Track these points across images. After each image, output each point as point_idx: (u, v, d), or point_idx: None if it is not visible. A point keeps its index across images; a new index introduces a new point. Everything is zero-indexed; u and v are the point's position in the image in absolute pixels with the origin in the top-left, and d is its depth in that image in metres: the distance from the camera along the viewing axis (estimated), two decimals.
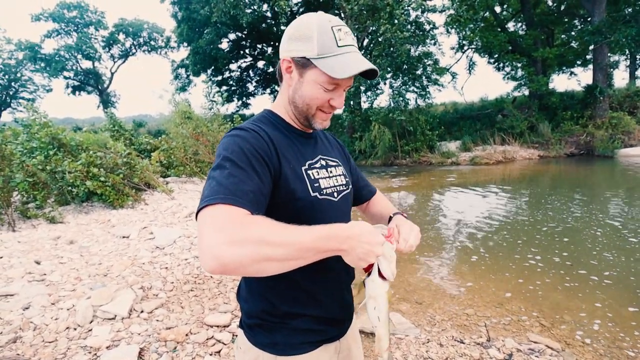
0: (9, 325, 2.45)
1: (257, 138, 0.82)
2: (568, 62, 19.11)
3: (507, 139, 14.76)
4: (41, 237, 4.31)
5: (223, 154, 0.78)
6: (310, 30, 0.83)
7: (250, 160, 0.77)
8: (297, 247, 0.65)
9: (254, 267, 0.63)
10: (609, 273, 3.67)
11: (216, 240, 0.61)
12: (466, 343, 2.54)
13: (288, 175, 0.84)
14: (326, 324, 0.94)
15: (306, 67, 0.84)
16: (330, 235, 0.69)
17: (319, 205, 0.90)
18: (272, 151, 0.83)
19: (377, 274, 0.81)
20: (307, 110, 0.89)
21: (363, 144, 15.03)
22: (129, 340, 2.38)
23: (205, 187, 0.74)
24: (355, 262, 0.74)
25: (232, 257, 0.60)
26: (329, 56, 0.82)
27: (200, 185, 8.35)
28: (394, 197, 8.45)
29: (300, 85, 0.87)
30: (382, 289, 0.82)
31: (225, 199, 0.68)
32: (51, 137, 6.11)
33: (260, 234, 0.64)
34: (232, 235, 0.62)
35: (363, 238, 0.72)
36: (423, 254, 4.53)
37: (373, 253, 0.74)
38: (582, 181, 9.37)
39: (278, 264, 0.64)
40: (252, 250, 0.61)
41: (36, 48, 29.52)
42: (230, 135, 0.82)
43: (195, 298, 3.07)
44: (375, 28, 14.45)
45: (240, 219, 0.66)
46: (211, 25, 20.26)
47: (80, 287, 3.03)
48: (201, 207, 0.69)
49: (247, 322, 0.93)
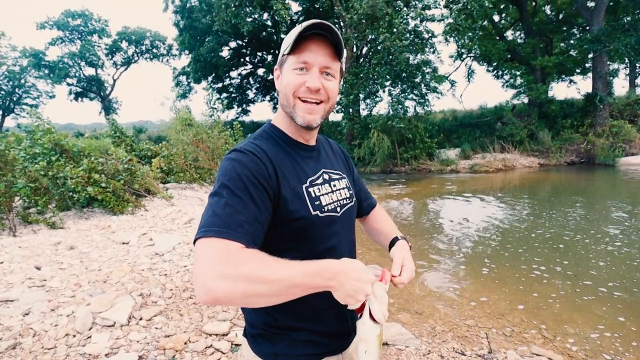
0: (8, 332, 2.44)
1: (256, 162, 0.82)
2: (567, 71, 19.24)
3: (506, 147, 14.81)
4: (42, 243, 4.31)
5: (221, 180, 0.79)
6: (290, 34, 0.87)
7: (247, 186, 0.77)
8: (285, 284, 0.67)
9: (243, 301, 0.67)
10: (612, 284, 3.65)
11: (210, 275, 0.64)
12: (467, 355, 2.52)
13: (287, 196, 0.84)
14: (326, 337, 0.94)
15: (283, 64, 0.89)
16: (318, 271, 0.71)
17: (319, 223, 0.89)
18: (270, 174, 0.83)
19: (368, 315, 0.79)
20: (288, 103, 0.88)
21: (362, 151, 15.09)
22: (128, 348, 2.37)
23: (203, 213, 0.76)
24: (345, 299, 0.74)
25: (223, 292, 0.64)
26: (288, 44, 0.86)
27: (199, 192, 8.36)
28: (393, 205, 8.45)
29: (280, 83, 0.90)
30: (374, 332, 0.79)
31: (220, 233, 0.70)
32: (54, 143, 6.14)
33: (251, 271, 0.66)
34: (225, 271, 0.65)
35: (353, 274, 0.73)
36: (423, 263, 4.52)
37: (362, 291, 0.73)
38: (584, 190, 9.37)
39: (266, 299, 0.68)
40: (242, 287, 0.65)
41: (40, 55, 29.82)
42: (229, 159, 0.82)
43: (194, 306, 3.06)
44: (375, 37, 14.60)
45: (233, 254, 0.68)
46: (212, 33, 20.50)
47: (80, 294, 3.03)
48: (197, 238, 0.71)
49: (250, 332, 0.94)
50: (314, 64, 0.85)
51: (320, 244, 0.90)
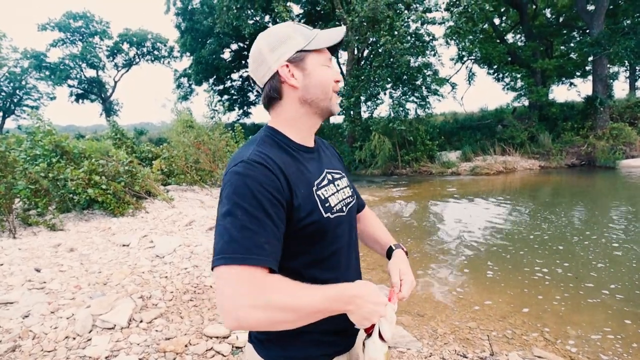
0: (8, 334, 2.43)
1: (267, 175, 0.78)
2: (567, 73, 19.27)
3: (507, 149, 14.80)
4: (42, 245, 4.30)
5: (233, 198, 0.74)
6: (285, 32, 0.87)
7: (263, 203, 0.74)
8: (307, 311, 0.71)
9: (270, 327, 0.70)
10: (614, 286, 3.64)
11: (239, 305, 0.66)
12: (469, 357, 2.51)
13: (300, 204, 0.82)
14: (336, 336, 0.94)
15: (304, 59, 0.87)
16: (338, 296, 0.75)
17: (330, 225, 0.89)
18: (283, 185, 0.80)
19: (377, 335, 0.83)
20: (326, 96, 0.90)
21: (363, 154, 15.08)
22: (128, 351, 2.36)
23: (217, 235, 0.73)
24: (360, 321, 0.78)
25: (252, 320, 0.67)
26: (313, 38, 0.88)
27: (200, 194, 8.35)
28: (395, 207, 8.44)
29: (309, 77, 0.87)
30: (382, 351, 0.84)
31: (243, 260, 0.69)
32: (54, 145, 6.14)
33: (279, 299, 0.69)
34: (253, 301, 0.67)
35: (369, 298, 0.77)
36: (424, 265, 4.51)
37: (377, 313, 0.78)
38: (584, 192, 9.36)
39: (291, 324, 0.71)
40: (270, 315, 0.68)
41: (41, 57, 29.86)
42: (238, 174, 0.77)
43: (195, 308, 3.05)
44: (376, 39, 14.61)
45: (260, 283, 0.70)
46: (214, 35, 20.58)
47: (80, 296, 3.02)
48: (218, 264, 0.70)
49: (259, 337, 0.91)
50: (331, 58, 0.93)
51: (331, 246, 0.91)
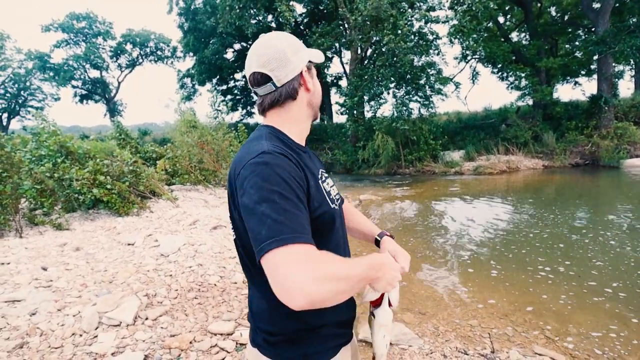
0: (16, 331, 2.47)
1: (290, 164, 0.81)
2: (572, 72, 19.12)
3: (511, 149, 14.75)
4: (48, 244, 4.35)
5: (266, 186, 0.75)
6: (296, 39, 0.98)
7: (294, 189, 0.77)
8: (357, 279, 0.75)
9: (332, 300, 0.69)
10: (616, 285, 3.64)
11: (305, 280, 0.66)
12: (470, 354, 2.53)
13: (313, 192, 0.86)
14: (344, 327, 0.99)
15: (311, 68, 1.00)
16: (372, 264, 0.80)
17: (336, 216, 0.96)
18: (302, 173, 0.84)
19: (387, 303, 0.90)
20: (319, 104, 1.03)
21: (366, 153, 15.08)
22: (134, 347, 2.40)
23: (257, 223, 0.73)
24: (385, 287, 0.85)
25: (318, 294, 0.66)
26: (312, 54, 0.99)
27: (204, 194, 8.40)
28: (398, 206, 8.45)
29: (314, 85, 1.00)
30: (391, 317, 0.92)
31: (294, 238, 0.70)
32: (59, 145, 6.19)
33: (335, 270, 0.71)
34: (316, 274, 0.67)
35: (393, 266, 0.86)
36: (426, 264, 4.52)
37: (397, 278, 0.86)
38: (588, 191, 9.32)
39: (345, 295, 0.72)
40: (332, 286, 0.69)
41: (45, 58, 30.08)
42: (262, 163, 0.78)
43: (199, 306, 3.08)
44: (379, 38, 14.61)
45: (317, 257, 0.71)
46: (217, 35, 20.62)
47: (86, 294, 3.06)
48: (270, 248, 0.69)
49: (269, 340, 0.91)
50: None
51: (335, 237, 0.97)
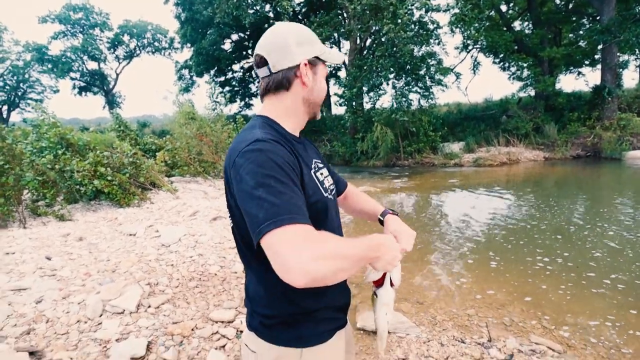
0: (22, 318, 2.53)
1: (282, 149, 0.83)
2: (576, 62, 18.81)
3: (511, 140, 14.70)
4: (51, 234, 4.41)
5: (261, 171, 0.76)
6: (310, 34, 0.97)
7: (288, 173, 0.79)
8: (356, 257, 0.76)
9: (332, 278, 0.70)
10: (614, 276, 3.67)
11: (305, 258, 0.67)
12: (467, 343, 2.57)
13: (306, 180, 0.88)
14: (338, 312, 1.01)
15: (316, 65, 0.97)
16: (371, 245, 0.81)
17: (329, 205, 0.97)
18: (296, 159, 0.86)
19: (389, 283, 0.93)
20: (319, 103, 1.01)
21: (365, 145, 15.03)
22: (137, 334, 2.45)
23: (255, 207, 0.74)
24: (385, 267, 0.86)
25: (319, 271, 0.67)
26: (326, 51, 0.99)
27: (203, 185, 8.44)
28: (396, 198, 8.49)
29: (315, 82, 0.97)
30: (392, 296, 0.95)
31: (291, 219, 0.71)
32: (60, 137, 6.22)
33: (334, 248, 0.72)
34: (316, 253, 0.68)
35: (391, 246, 0.86)
36: (425, 254, 4.57)
37: (397, 258, 0.87)
38: (589, 184, 9.33)
39: (345, 273, 0.73)
40: (332, 264, 0.69)
41: (43, 49, 29.83)
42: (256, 150, 0.79)
43: (200, 294, 3.14)
44: (379, 28, 14.46)
45: (315, 236, 0.72)
46: (214, 26, 20.38)
47: (90, 282, 3.12)
48: (268, 230, 0.70)
49: (265, 323, 0.93)
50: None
51: (330, 227, 0.96)
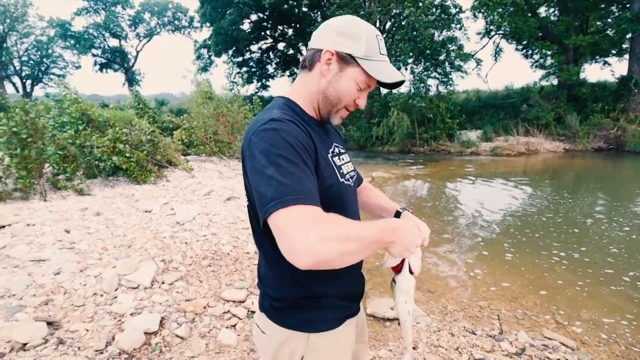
0: (41, 288, 2.62)
1: (298, 130, 0.81)
2: (602, 51, 17.98)
3: (531, 130, 14.29)
4: (70, 208, 4.52)
5: (273, 151, 0.75)
6: (360, 30, 0.88)
7: (300, 154, 0.77)
8: (367, 241, 0.73)
9: (339, 260, 0.69)
10: (633, 273, 3.57)
11: (312, 239, 0.66)
12: (478, 334, 2.55)
13: (321, 163, 0.86)
14: (349, 300, 1.00)
15: (348, 64, 0.89)
16: (386, 227, 0.79)
17: (345, 190, 0.94)
18: (310, 140, 0.84)
19: (408, 269, 0.91)
20: (336, 104, 0.93)
21: (381, 130, 14.85)
22: (151, 309, 2.52)
23: (264, 185, 0.73)
24: (401, 252, 0.83)
25: (324, 253, 0.66)
26: (373, 60, 0.89)
27: (219, 165, 8.50)
28: (410, 185, 8.40)
29: (337, 79, 0.90)
30: (412, 283, 0.93)
31: (298, 200, 0.70)
32: (81, 113, 6.30)
33: (342, 230, 0.70)
34: (323, 234, 0.67)
35: (409, 230, 0.83)
36: (438, 243, 4.52)
37: (415, 244, 0.84)
38: (610, 177, 9.04)
39: (354, 256, 0.71)
40: (339, 246, 0.68)
41: (67, 25, 30.23)
42: (270, 129, 0.78)
43: (213, 273, 3.19)
44: (399, 11, 14.08)
45: (323, 217, 0.71)
46: (234, 5, 20.19)
47: (106, 257, 3.20)
48: (274, 210, 0.69)
49: (274, 306, 0.93)
50: (371, 88, 0.94)
51: (346, 213, 0.92)
